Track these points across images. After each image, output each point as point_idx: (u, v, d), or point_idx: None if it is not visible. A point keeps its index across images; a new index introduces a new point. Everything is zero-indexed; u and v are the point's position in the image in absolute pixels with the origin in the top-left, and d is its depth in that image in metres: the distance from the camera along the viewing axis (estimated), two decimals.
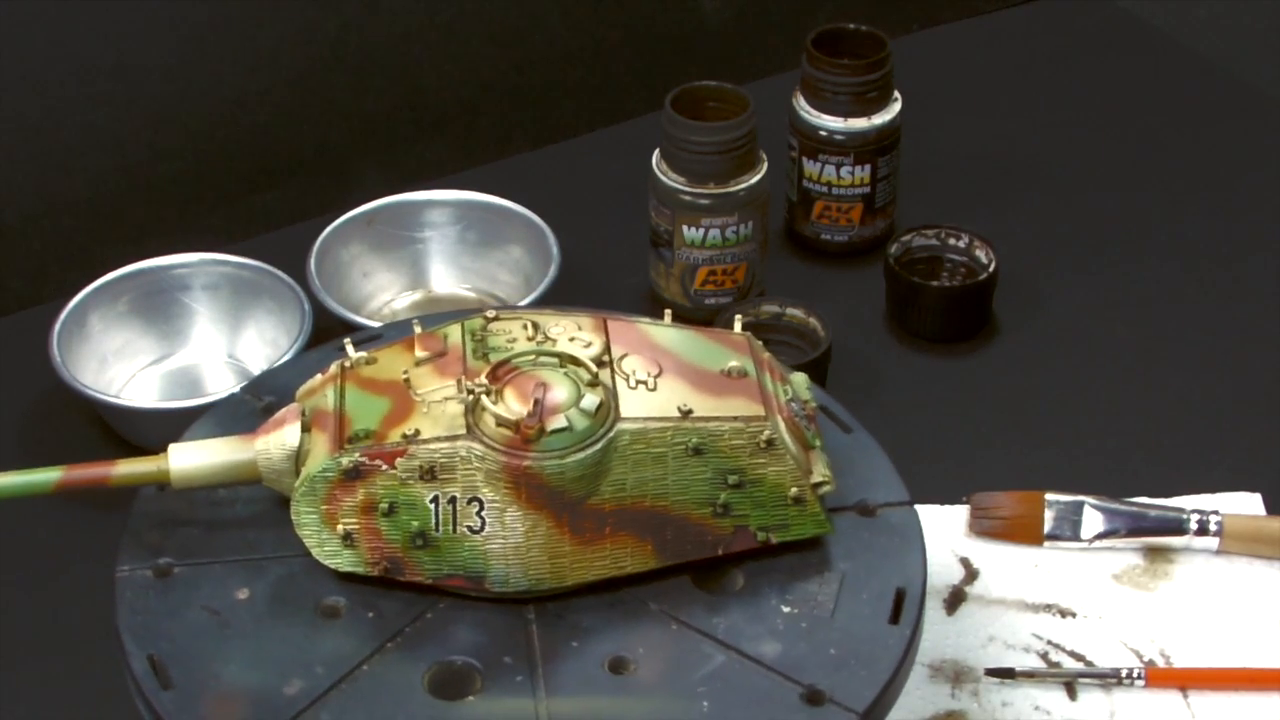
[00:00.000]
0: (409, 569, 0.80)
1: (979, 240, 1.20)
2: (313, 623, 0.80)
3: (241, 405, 0.90)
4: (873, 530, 0.84)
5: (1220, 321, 1.20)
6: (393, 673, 0.78)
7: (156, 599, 0.81)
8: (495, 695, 0.78)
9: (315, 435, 0.82)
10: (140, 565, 0.82)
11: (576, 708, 0.77)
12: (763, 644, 0.80)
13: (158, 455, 0.83)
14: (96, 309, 1.16)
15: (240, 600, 0.81)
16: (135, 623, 0.80)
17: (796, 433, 0.83)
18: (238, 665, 0.78)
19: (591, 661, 0.79)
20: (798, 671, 0.78)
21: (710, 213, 1.16)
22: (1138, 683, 0.97)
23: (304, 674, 0.78)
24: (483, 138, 1.39)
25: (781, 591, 0.82)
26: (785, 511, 0.82)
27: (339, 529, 0.80)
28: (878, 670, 0.78)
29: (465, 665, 0.79)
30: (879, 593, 0.82)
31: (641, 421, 0.80)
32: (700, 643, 0.80)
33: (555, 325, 0.84)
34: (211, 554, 0.83)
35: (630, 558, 0.81)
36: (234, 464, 0.83)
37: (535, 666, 0.79)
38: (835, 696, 0.77)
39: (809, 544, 0.83)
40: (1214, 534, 1.03)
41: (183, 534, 0.83)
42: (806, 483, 0.82)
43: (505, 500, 0.79)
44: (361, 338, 0.93)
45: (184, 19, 1.26)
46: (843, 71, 1.21)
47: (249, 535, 0.83)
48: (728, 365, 0.83)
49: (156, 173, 1.30)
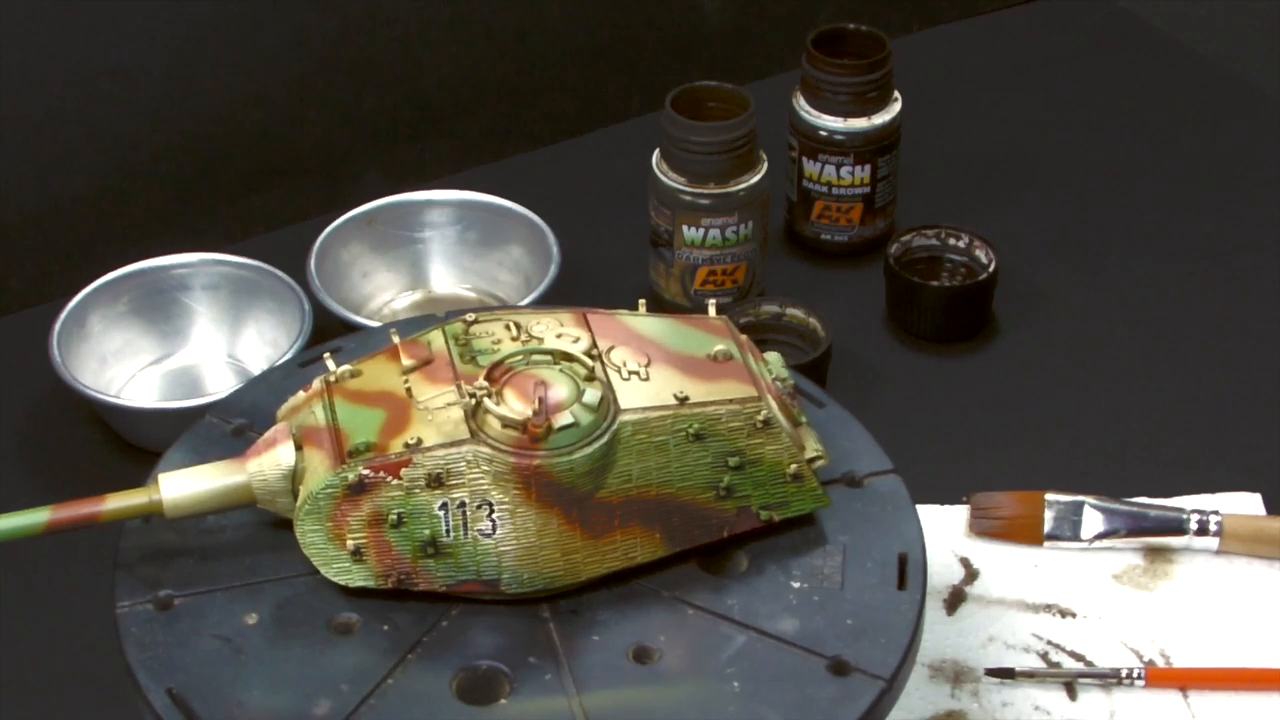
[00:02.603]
0: (421, 579, 0.80)
1: (979, 240, 1.20)
2: (328, 641, 0.79)
3: (211, 430, 0.88)
4: (864, 500, 0.86)
5: (1220, 321, 1.20)
6: (420, 684, 0.78)
7: (163, 632, 0.79)
8: (528, 696, 0.77)
9: (310, 453, 0.81)
10: (139, 600, 0.81)
11: (610, 700, 0.77)
12: (780, 621, 0.80)
13: (147, 487, 0.81)
14: (96, 309, 1.16)
15: (250, 625, 0.80)
16: (146, 658, 0.78)
17: (786, 411, 0.84)
18: (259, 691, 0.77)
19: (615, 653, 0.79)
20: (819, 644, 0.79)
21: (710, 213, 1.16)
22: (1138, 683, 0.97)
23: (330, 693, 0.77)
24: (483, 138, 1.39)
25: (788, 568, 0.83)
26: (785, 489, 0.83)
27: (348, 545, 0.79)
28: (896, 636, 0.80)
29: (491, 669, 0.79)
30: (882, 561, 0.83)
31: (641, 411, 0.80)
32: (718, 625, 0.80)
33: (537, 324, 0.84)
34: (211, 582, 0.81)
35: (640, 548, 0.81)
36: (227, 489, 0.81)
37: (561, 664, 0.79)
38: (860, 665, 0.78)
39: (805, 520, 0.84)
40: (1214, 534, 1.03)
41: (178, 564, 0.82)
42: (803, 459, 0.82)
43: (515, 501, 0.79)
44: (312, 355, 0.92)
45: (184, 19, 1.26)
46: (843, 71, 1.21)
47: (246, 560, 0.82)
48: (713, 350, 0.84)
49: (156, 173, 1.30)
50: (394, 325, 0.91)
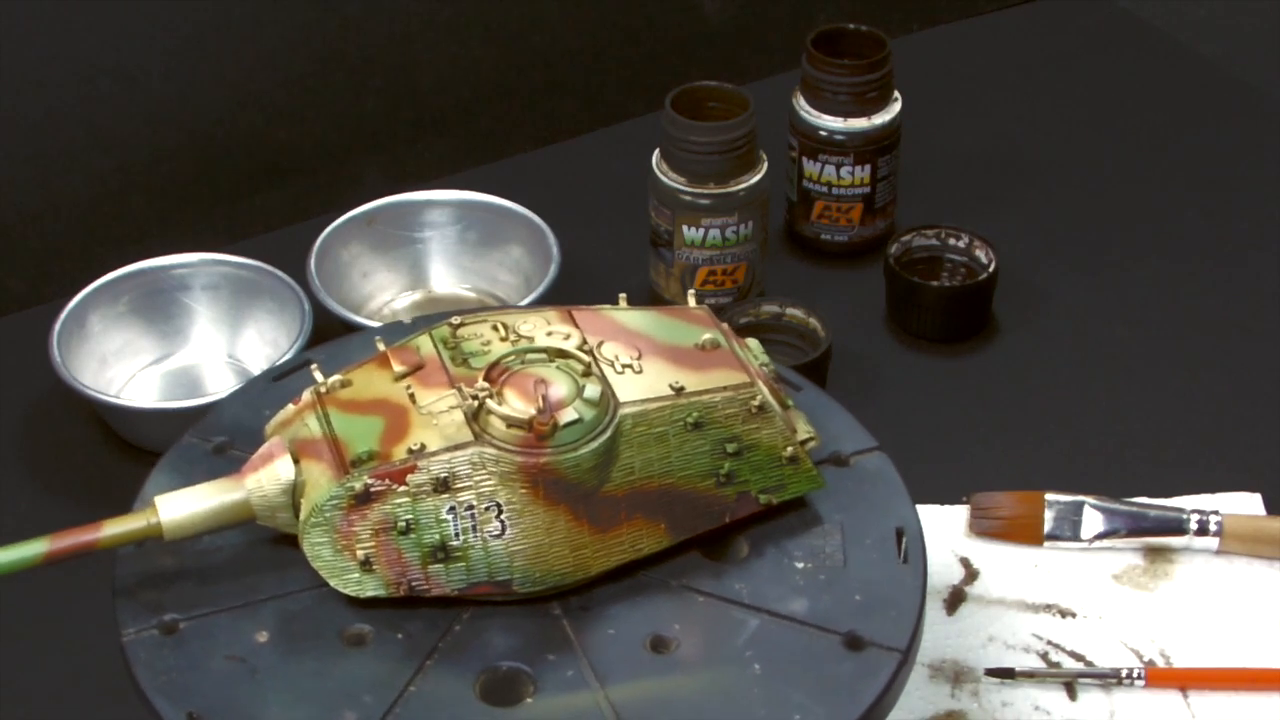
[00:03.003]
0: (432, 584, 0.79)
1: (979, 240, 1.20)
2: (342, 653, 0.79)
3: (192, 450, 0.87)
4: (853, 479, 0.86)
5: (1220, 321, 1.20)
6: (442, 689, 0.78)
7: (173, 656, 0.78)
8: (553, 694, 0.77)
9: (308, 465, 0.80)
10: (144, 625, 0.80)
11: (636, 692, 0.77)
12: (790, 602, 0.81)
13: (145, 510, 0.80)
14: (96, 309, 1.16)
15: (261, 643, 0.79)
16: (161, 683, 0.77)
17: (775, 395, 0.84)
18: (280, 707, 0.76)
19: (633, 646, 0.79)
20: (831, 622, 0.80)
21: (710, 213, 1.16)
22: (1138, 683, 0.97)
23: (353, 705, 0.76)
24: (483, 138, 1.39)
25: (789, 550, 0.83)
26: (781, 472, 0.83)
27: (357, 555, 0.79)
28: (905, 609, 0.81)
29: (512, 670, 0.79)
30: (880, 537, 0.84)
31: (640, 404, 0.81)
32: (730, 610, 0.81)
33: (524, 323, 0.84)
34: (215, 603, 0.81)
35: (646, 539, 0.82)
36: (226, 507, 0.80)
37: (580, 659, 0.79)
38: (875, 639, 0.79)
39: (797, 503, 0.85)
40: (1214, 534, 1.03)
41: (178, 587, 0.81)
42: (796, 441, 0.83)
43: (523, 500, 0.79)
44: (284, 369, 0.91)
45: (184, 19, 1.26)
46: (843, 71, 1.21)
47: (246, 578, 0.81)
48: (701, 339, 0.85)
49: (156, 173, 1.30)
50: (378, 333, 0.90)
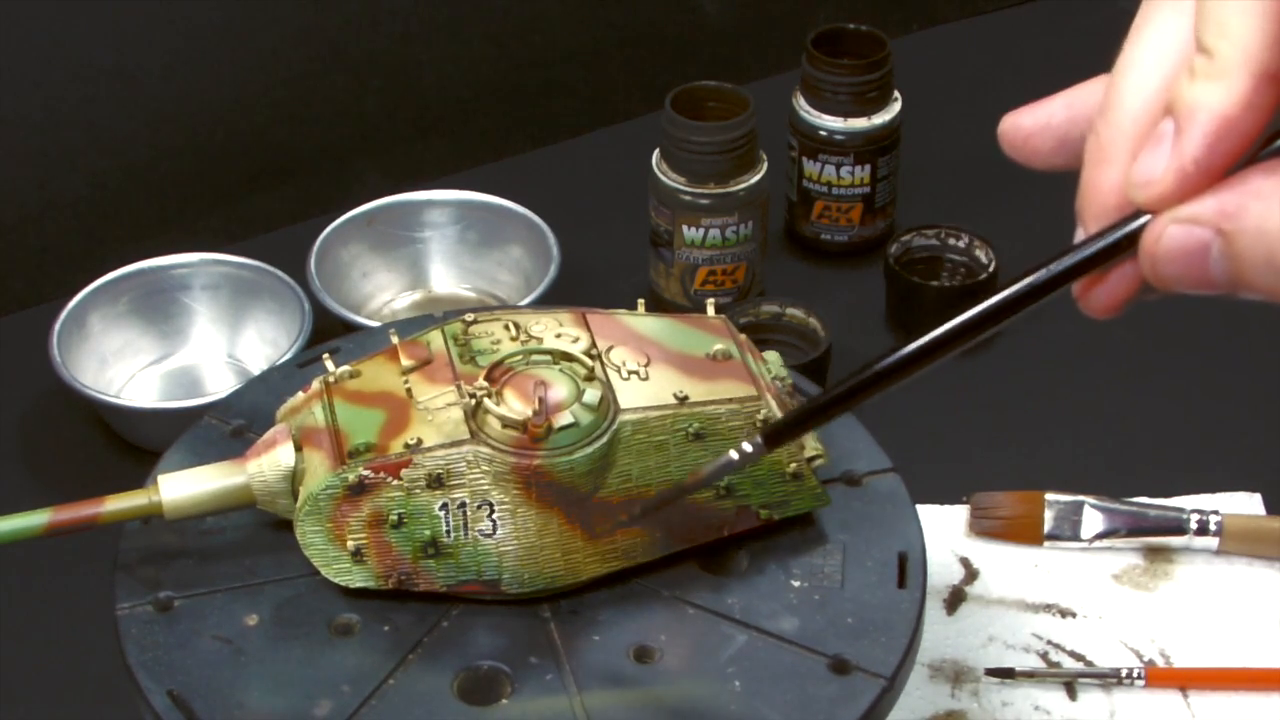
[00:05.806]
0: (422, 579, 0.80)
1: (979, 240, 1.20)
2: (328, 642, 0.79)
3: (210, 431, 0.88)
4: (863, 499, 0.85)
5: (1220, 321, 1.20)
6: (421, 684, 0.78)
7: (163, 633, 0.79)
8: (529, 696, 0.77)
9: (309, 453, 0.81)
10: (139, 601, 0.80)
11: (611, 700, 0.77)
12: (780, 620, 0.80)
13: (147, 489, 0.81)
14: (96, 309, 1.16)
15: (250, 626, 0.79)
16: (147, 659, 0.78)
17: (785, 410, 0.84)
18: (259, 692, 0.77)
19: (616, 653, 0.79)
20: (820, 643, 0.79)
21: (710, 213, 1.16)
22: (1138, 683, 0.97)
23: (331, 694, 0.77)
24: (483, 138, 1.39)
25: (788, 567, 0.82)
26: (784, 488, 0.82)
27: (348, 545, 0.79)
28: (896, 635, 0.79)
29: (492, 669, 0.79)
30: (882, 560, 0.83)
31: (641, 411, 0.80)
32: (719, 624, 0.80)
33: (536, 323, 0.84)
34: (211, 583, 0.81)
35: (640, 547, 0.81)
36: (227, 489, 0.81)
37: (562, 663, 0.78)
38: (861, 664, 0.78)
39: (804, 519, 0.84)
40: (1214, 534, 1.03)
41: (177, 566, 0.82)
42: (802, 457, 0.82)
43: (516, 501, 0.79)
44: (311, 356, 0.92)
45: (184, 19, 1.27)
46: (843, 71, 1.21)
47: (245, 561, 0.82)
48: (712, 349, 0.84)
49: (156, 173, 1.30)
50: (393, 325, 0.91)
